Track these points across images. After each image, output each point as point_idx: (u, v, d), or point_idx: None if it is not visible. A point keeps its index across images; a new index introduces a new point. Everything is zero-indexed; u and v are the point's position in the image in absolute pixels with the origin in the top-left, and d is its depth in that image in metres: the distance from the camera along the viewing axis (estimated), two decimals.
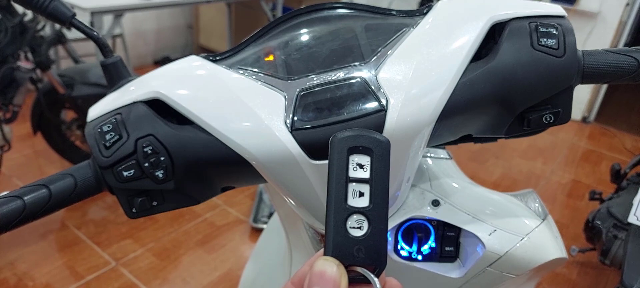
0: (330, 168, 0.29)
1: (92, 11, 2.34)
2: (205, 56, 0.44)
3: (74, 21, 0.45)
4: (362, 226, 0.28)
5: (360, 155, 0.29)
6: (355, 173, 0.28)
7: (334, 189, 0.28)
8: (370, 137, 0.29)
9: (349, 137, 0.29)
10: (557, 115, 0.42)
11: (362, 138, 0.29)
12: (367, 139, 0.29)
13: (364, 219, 0.28)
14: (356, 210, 0.28)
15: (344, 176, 0.28)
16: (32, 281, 1.79)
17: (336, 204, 0.28)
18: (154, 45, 4.22)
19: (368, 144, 0.29)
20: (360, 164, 0.29)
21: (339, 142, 0.29)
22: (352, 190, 0.28)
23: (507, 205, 0.54)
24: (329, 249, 0.27)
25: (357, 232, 0.28)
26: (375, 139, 0.29)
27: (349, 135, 0.29)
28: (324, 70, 0.40)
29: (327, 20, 0.45)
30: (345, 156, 0.29)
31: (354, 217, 0.28)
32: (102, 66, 0.46)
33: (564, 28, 0.41)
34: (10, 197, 0.38)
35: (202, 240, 2.06)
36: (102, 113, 0.42)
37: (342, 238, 0.27)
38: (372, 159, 0.29)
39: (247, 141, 0.38)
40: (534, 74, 0.39)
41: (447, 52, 0.39)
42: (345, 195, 0.28)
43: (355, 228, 0.28)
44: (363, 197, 0.28)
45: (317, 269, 0.26)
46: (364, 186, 0.28)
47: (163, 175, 0.39)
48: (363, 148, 0.29)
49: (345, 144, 0.29)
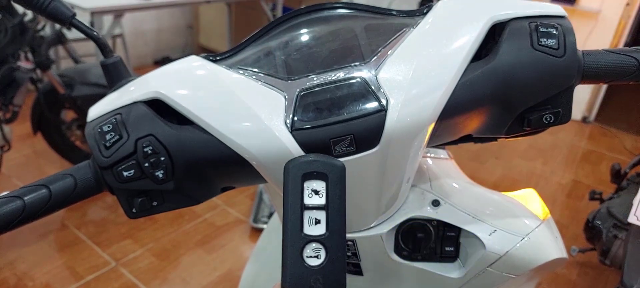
0: (284, 196, 0.28)
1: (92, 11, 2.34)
2: (205, 56, 0.44)
3: (74, 21, 0.45)
4: (319, 255, 0.27)
5: (316, 180, 0.28)
6: (310, 200, 0.28)
7: (290, 218, 0.27)
8: (324, 162, 0.28)
9: (302, 163, 0.28)
10: (557, 115, 0.42)
11: (316, 163, 0.28)
12: (322, 164, 0.28)
13: (321, 247, 0.27)
14: (312, 239, 0.27)
15: (299, 204, 0.28)
16: (32, 281, 1.79)
17: (292, 233, 0.27)
18: (154, 45, 4.22)
19: (322, 169, 0.28)
20: (315, 190, 0.28)
21: (292, 169, 0.28)
22: (308, 217, 0.28)
23: (507, 205, 0.54)
24: (285, 281, 0.27)
25: (314, 261, 0.27)
26: (330, 164, 0.28)
27: (303, 161, 0.28)
28: (324, 70, 0.40)
29: (327, 20, 0.45)
30: (300, 183, 0.28)
31: (310, 245, 0.27)
32: (102, 66, 0.46)
33: (564, 28, 0.41)
34: (10, 197, 0.38)
35: (202, 240, 2.06)
36: (102, 113, 0.42)
37: (299, 268, 0.27)
38: (328, 185, 0.28)
39: (247, 141, 0.38)
40: (534, 74, 0.39)
41: (447, 52, 0.39)
42: (301, 224, 0.27)
43: (312, 257, 0.27)
44: (319, 224, 0.27)
45: None
46: (320, 213, 0.28)
47: (163, 175, 0.39)
48: (317, 174, 0.28)
49: (299, 170, 0.28)
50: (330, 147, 0.38)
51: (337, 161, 0.29)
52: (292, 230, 0.27)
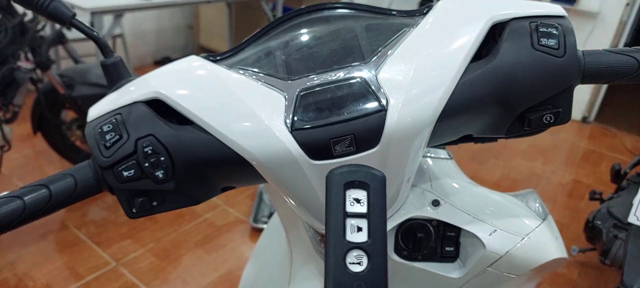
0: (327, 204, 0.29)
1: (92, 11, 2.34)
2: (205, 56, 0.44)
3: (74, 21, 0.45)
4: (361, 261, 0.27)
5: (357, 189, 0.29)
6: (352, 208, 0.28)
7: (333, 224, 0.28)
8: (366, 171, 0.29)
9: (344, 172, 0.29)
10: (558, 115, 0.42)
11: (358, 173, 0.29)
12: (363, 174, 0.29)
13: (363, 254, 0.28)
14: (355, 246, 0.28)
15: (341, 211, 0.28)
16: (33, 281, 1.80)
17: (335, 240, 0.28)
18: (154, 46, 4.23)
19: (364, 178, 0.29)
20: (357, 199, 0.29)
21: (335, 177, 0.29)
22: (350, 225, 0.28)
23: (508, 205, 0.54)
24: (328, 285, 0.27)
25: (357, 268, 0.27)
26: (371, 174, 0.29)
27: (345, 171, 0.29)
28: (324, 70, 0.40)
29: (328, 20, 0.45)
30: (342, 191, 0.29)
31: (353, 252, 0.28)
32: (102, 66, 0.46)
33: (564, 28, 0.41)
34: (11, 197, 0.38)
35: (202, 241, 2.06)
36: (102, 113, 0.42)
37: (342, 274, 0.27)
38: (369, 194, 0.29)
39: (247, 141, 0.38)
40: (534, 74, 0.39)
41: (447, 52, 0.39)
42: (343, 231, 0.28)
43: (355, 263, 0.27)
44: (361, 232, 0.28)
45: None
46: (362, 221, 0.28)
47: (163, 176, 0.39)
48: (359, 183, 0.29)
49: (341, 179, 0.29)
50: (330, 147, 0.38)
51: (377, 171, 0.29)
52: (335, 237, 0.28)
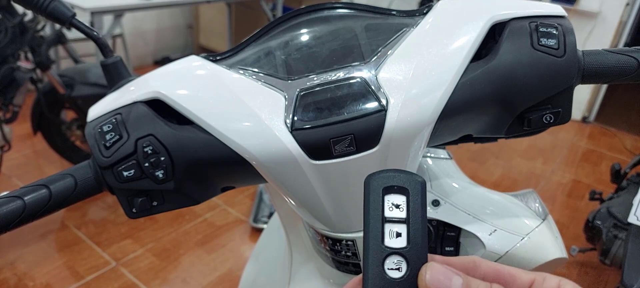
0: (365, 208, 0.28)
1: (92, 11, 2.34)
2: (205, 56, 0.44)
3: (74, 21, 0.45)
4: (400, 267, 0.27)
5: (396, 194, 0.28)
6: (391, 213, 0.28)
7: (371, 229, 0.28)
8: (405, 177, 0.29)
9: (383, 177, 0.29)
10: (557, 115, 0.42)
11: (397, 177, 0.28)
12: (402, 179, 0.28)
13: (402, 260, 0.27)
14: (394, 251, 0.27)
15: (380, 216, 0.28)
16: (33, 281, 1.80)
17: (373, 244, 0.27)
18: (154, 46, 4.22)
19: (403, 183, 0.28)
20: (396, 204, 0.28)
21: (374, 182, 0.28)
22: (389, 230, 0.28)
23: (507, 205, 0.54)
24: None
25: (396, 274, 0.27)
26: (411, 179, 0.28)
27: (384, 175, 0.29)
28: (324, 70, 0.40)
29: (327, 20, 0.45)
30: (381, 196, 0.28)
31: (391, 258, 0.27)
32: (102, 66, 0.46)
33: (564, 28, 0.41)
34: (10, 197, 0.38)
35: (202, 240, 2.06)
36: (102, 113, 0.42)
37: (381, 280, 0.27)
38: (408, 199, 0.28)
39: (247, 141, 0.38)
40: (534, 74, 0.39)
41: (447, 52, 0.39)
42: (381, 236, 0.27)
43: (394, 269, 0.27)
44: (400, 237, 0.28)
45: None
46: (401, 226, 0.28)
47: (163, 175, 0.39)
48: (398, 188, 0.28)
49: (380, 183, 0.28)
50: (330, 147, 0.38)
51: (417, 176, 0.29)
52: (374, 242, 0.27)
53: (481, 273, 0.28)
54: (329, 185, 0.40)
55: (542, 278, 0.26)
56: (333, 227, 0.44)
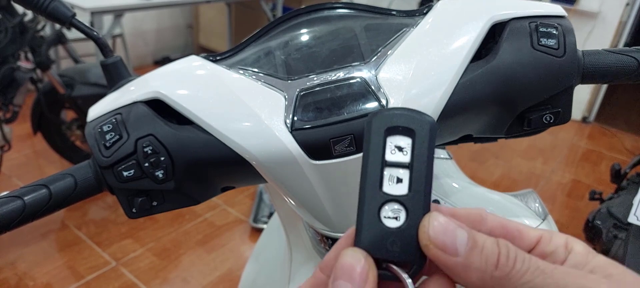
0: (365, 150, 0.26)
1: (92, 11, 2.34)
2: (205, 56, 0.44)
3: (74, 21, 0.45)
4: (398, 216, 0.25)
5: (400, 136, 0.25)
6: (393, 157, 0.25)
7: (368, 173, 0.25)
8: (412, 116, 0.25)
9: (387, 116, 0.25)
10: (557, 115, 0.42)
11: (403, 117, 0.25)
12: (409, 118, 0.25)
13: (401, 209, 0.25)
14: (392, 198, 0.25)
15: (379, 159, 0.25)
16: (33, 281, 1.80)
17: (369, 190, 0.25)
18: (153, 46, 4.22)
19: (410, 124, 0.25)
20: (399, 147, 0.25)
21: (376, 121, 0.25)
22: (389, 175, 0.25)
23: (507, 205, 0.54)
24: (359, 239, 0.24)
25: (393, 223, 0.25)
26: (419, 119, 0.25)
27: (388, 114, 0.25)
28: (324, 70, 0.40)
29: (327, 20, 0.45)
30: (383, 137, 0.25)
31: (389, 205, 0.25)
32: (102, 66, 0.46)
33: (564, 28, 0.41)
34: (10, 197, 0.38)
35: (202, 240, 2.06)
36: (102, 113, 0.42)
37: (375, 228, 0.24)
38: (414, 142, 0.25)
39: (247, 141, 0.38)
40: (534, 74, 0.39)
41: (447, 52, 0.39)
42: (380, 181, 0.25)
43: (391, 218, 0.25)
44: (401, 183, 0.25)
45: (343, 261, 0.24)
46: (403, 172, 0.25)
47: (163, 175, 0.39)
48: (403, 129, 0.25)
49: (383, 123, 0.25)
50: (330, 146, 0.38)
51: (426, 116, 0.26)
52: (371, 187, 0.25)
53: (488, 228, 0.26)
54: (329, 185, 0.40)
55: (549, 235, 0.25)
56: (333, 227, 0.44)
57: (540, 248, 0.25)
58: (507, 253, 0.23)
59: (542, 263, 0.23)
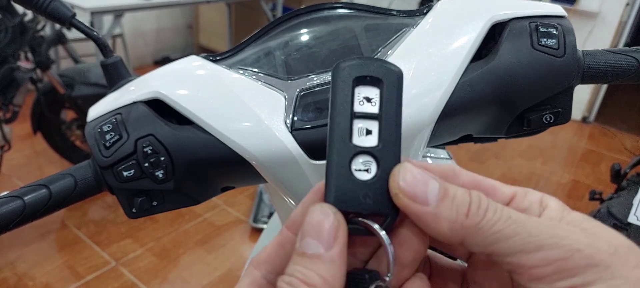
0: (332, 102, 0.25)
1: (92, 11, 2.34)
2: (205, 56, 0.44)
3: (74, 21, 0.45)
4: (369, 168, 0.24)
5: (368, 87, 0.25)
6: (361, 108, 0.24)
7: (336, 126, 0.24)
8: (379, 65, 0.25)
9: (354, 65, 0.25)
10: (557, 115, 0.42)
11: (370, 66, 0.25)
12: (376, 68, 0.25)
13: (372, 161, 0.24)
14: (363, 150, 0.24)
15: (348, 110, 0.24)
16: (32, 281, 1.80)
17: (338, 143, 0.24)
18: (153, 46, 4.23)
19: (377, 73, 0.25)
20: (367, 98, 0.25)
21: (342, 71, 0.25)
22: (358, 127, 0.24)
23: None
24: (330, 194, 0.23)
25: (364, 175, 0.24)
26: (386, 68, 0.25)
27: (355, 63, 0.25)
28: (324, 70, 0.40)
29: (327, 20, 0.45)
30: (351, 87, 0.24)
31: (360, 158, 0.24)
32: (102, 66, 0.46)
33: (564, 28, 0.41)
34: (10, 197, 0.38)
35: (202, 240, 2.06)
36: (102, 113, 0.42)
37: (346, 181, 0.23)
38: (382, 91, 0.25)
39: (247, 141, 0.38)
40: (534, 74, 0.39)
41: (447, 52, 0.39)
42: (349, 133, 0.24)
43: (362, 171, 0.24)
44: (371, 135, 0.24)
45: (311, 218, 0.23)
46: (372, 123, 0.24)
47: (163, 175, 0.39)
48: (371, 79, 0.25)
49: (350, 72, 0.25)
50: None
51: (393, 66, 0.25)
52: (340, 140, 0.24)
53: (460, 182, 0.25)
54: None
55: (524, 192, 0.25)
56: None
57: (514, 204, 0.25)
58: (478, 202, 0.23)
59: (515, 213, 0.22)
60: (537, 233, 0.21)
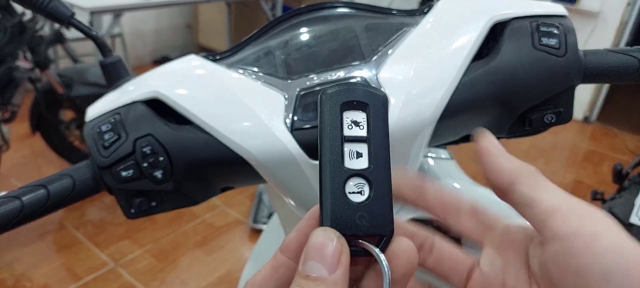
0: (321, 128, 0.25)
1: (91, 11, 2.34)
2: (204, 56, 0.44)
3: (73, 21, 0.44)
4: (362, 190, 0.25)
5: (355, 111, 0.26)
6: (350, 132, 0.25)
7: (328, 150, 0.25)
8: (364, 90, 0.26)
9: (341, 91, 0.26)
10: (559, 115, 0.42)
11: (355, 92, 0.26)
12: (362, 93, 0.26)
13: (364, 183, 0.25)
14: (355, 173, 0.25)
15: (338, 135, 0.25)
16: (30, 282, 1.79)
17: (332, 167, 0.24)
18: (153, 45, 4.22)
19: (363, 98, 0.26)
20: (355, 121, 0.25)
21: (330, 98, 0.25)
22: (348, 150, 0.25)
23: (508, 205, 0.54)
24: (327, 218, 0.24)
25: (358, 198, 0.24)
26: (371, 93, 0.26)
27: (341, 90, 0.26)
28: (324, 70, 0.40)
29: (327, 19, 0.45)
30: (339, 113, 0.25)
31: (352, 180, 0.25)
32: (101, 66, 0.46)
33: (565, 28, 0.41)
34: (8, 198, 0.38)
35: (201, 241, 2.06)
36: (101, 113, 0.41)
37: (342, 204, 0.24)
38: (368, 115, 0.26)
39: (246, 141, 0.38)
40: (535, 73, 0.39)
41: (448, 51, 0.39)
42: (341, 157, 0.25)
43: (355, 193, 0.25)
44: (361, 157, 0.25)
45: (314, 241, 0.23)
46: (362, 146, 0.25)
47: (162, 176, 0.39)
48: (358, 104, 0.26)
49: (337, 98, 0.25)
50: None
51: (378, 90, 0.26)
52: (332, 164, 0.24)
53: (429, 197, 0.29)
54: None
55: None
56: None
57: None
58: None
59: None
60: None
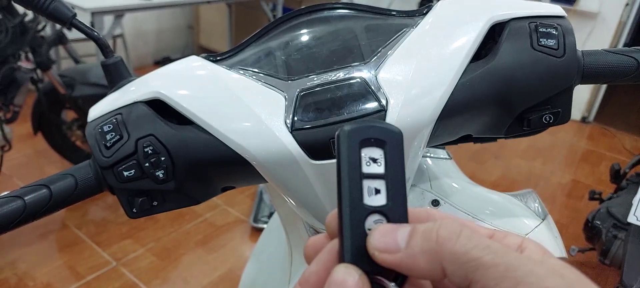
0: (340, 165, 0.26)
1: (92, 11, 2.34)
2: (205, 56, 0.44)
3: (74, 21, 0.45)
4: None
5: (372, 148, 0.26)
6: (369, 169, 0.26)
7: (348, 188, 0.25)
8: (382, 127, 0.26)
9: (359, 129, 0.26)
10: (557, 115, 0.42)
11: (373, 129, 0.26)
12: (379, 130, 0.26)
13: (383, 219, 0.25)
14: (374, 210, 0.25)
15: (358, 172, 0.25)
16: (33, 281, 1.80)
17: (352, 204, 0.25)
18: (154, 46, 4.22)
19: (380, 135, 0.26)
20: (373, 158, 0.26)
21: (348, 136, 0.26)
22: (367, 187, 0.25)
23: (507, 205, 0.54)
24: (348, 255, 0.24)
25: None
26: (388, 130, 0.26)
27: (360, 127, 0.26)
28: (324, 71, 0.41)
29: (327, 20, 0.45)
30: (358, 150, 0.26)
31: (371, 217, 0.25)
32: (102, 66, 0.46)
33: (564, 28, 0.41)
34: (11, 197, 0.38)
35: (203, 240, 2.06)
36: (103, 113, 0.42)
37: (362, 241, 0.25)
38: (386, 152, 0.26)
39: (247, 141, 0.38)
40: (533, 74, 0.40)
41: (447, 52, 0.39)
42: (360, 194, 0.25)
43: None
44: (379, 194, 0.25)
45: (337, 277, 0.23)
46: (380, 182, 0.26)
47: (163, 176, 0.39)
48: (375, 141, 0.26)
49: (356, 136, 0.26)
50: (330, 147, 0.38)
51: (394, 127, 0.26)
52: (353, 202, 0.25)
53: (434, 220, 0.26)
54: (328, 185, 0.40)
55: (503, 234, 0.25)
56: None
57: None
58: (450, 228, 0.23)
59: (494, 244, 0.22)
60: (516, 268, 0.21)
